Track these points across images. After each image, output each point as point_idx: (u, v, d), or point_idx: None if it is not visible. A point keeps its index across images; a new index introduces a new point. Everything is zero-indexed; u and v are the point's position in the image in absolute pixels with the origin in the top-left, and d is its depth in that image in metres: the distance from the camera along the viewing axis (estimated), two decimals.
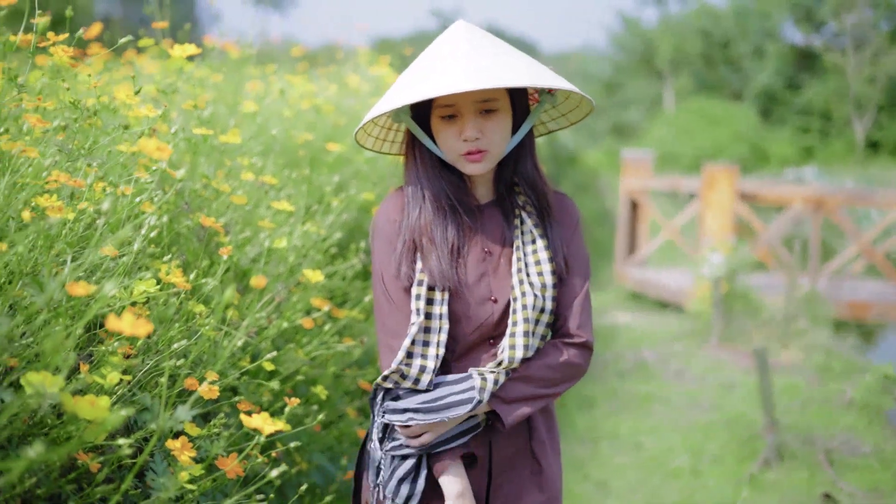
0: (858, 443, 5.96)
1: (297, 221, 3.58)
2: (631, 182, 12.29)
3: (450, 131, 2.27)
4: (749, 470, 5.47)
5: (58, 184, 2.20)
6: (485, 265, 2.35)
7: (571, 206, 2.48)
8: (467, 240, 2.36)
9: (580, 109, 2.46)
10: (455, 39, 2.27)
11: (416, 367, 2.26)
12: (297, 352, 3.26)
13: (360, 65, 7.21)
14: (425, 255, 2.30)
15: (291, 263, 3.36)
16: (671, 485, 5.31)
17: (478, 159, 2.26)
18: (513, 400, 2.28)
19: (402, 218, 2.36)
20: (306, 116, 4.96)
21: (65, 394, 1.60)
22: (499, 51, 2.24)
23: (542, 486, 2.41)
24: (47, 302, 1.86)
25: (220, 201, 3.32)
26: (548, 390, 2.32)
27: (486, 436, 2.35)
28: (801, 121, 34.03)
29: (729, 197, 10.21)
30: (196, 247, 3.07)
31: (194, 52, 2.84)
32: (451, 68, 2.16)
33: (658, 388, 7.44)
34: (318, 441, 3.58)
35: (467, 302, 2.31)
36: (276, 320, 3.12)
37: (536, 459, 2.42)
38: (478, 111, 2.25)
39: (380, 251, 2.37)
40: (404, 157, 2.41)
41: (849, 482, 5.29)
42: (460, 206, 2.35)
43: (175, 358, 2.37)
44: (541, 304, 2.28)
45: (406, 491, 2.32)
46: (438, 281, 2.28)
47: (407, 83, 2.23)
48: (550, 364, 2.31)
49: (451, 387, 2.25)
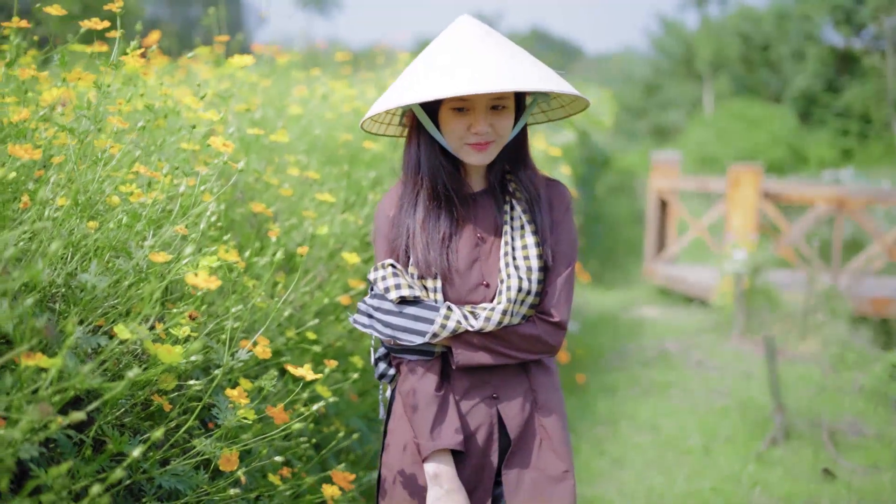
0: (863, 426, 6.31)
1: (337, 212, 4.02)
2: (660, 182, 12.59)
3: (459, 122, 2.39)
4: (757, 448, 5.85)
5: (134, 175, 2.65)
6: (477, 251, 2.49)
7: (563, 191, 2.60)
8: (460, 227, 2.49)
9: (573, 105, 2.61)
10: (467, 35, 2.40)
11: (392, 282, 2.45)
12: (336, 325, 3.71)
13: (399, 70, 7.63)
14: (415, 246, 2.46)
15: (332, 248, 3.80)
16: (683, 461, 5.69)
17: (484, 149, 2.40)
18: (473, 346, 2.43)
19: (397, 211, 2.52)
20: (347, 119, 5.38)
21: (148, 341, 2.04)
22: (512, 51, 2.38)
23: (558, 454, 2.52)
24: (134, 267, 2.31)
25: (269, 193, 3.77)
26: (509, 351, 2.45)
27: (493, 404, 2.50)
28: (840, 123, 33.87)
29: (753, 196, 10.52)
30: (248, 231, 3.53)
31: (250, 62, 3.29)
32: (480, 66, 2.28)
33: (678, 376, 7.79)
34: (355, 408, 4.02)
35: (459, 288, 2.46)
36: (318, 296, 3.57)
37: (544, 427, 2.54)
38: (489, 107, 2.39)
39: (379, 248, 2.56)
40: (405, 141, 2.55)
41: (850, 460, 5.65)
42: (455, 195, 2.48)
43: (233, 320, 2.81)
44: (526, 287, 2.41)
45: (381, 369, 2.59)
46: (425, 269, 2.44)
47: (426, 74, 2.35)
48: (520, 332, 2.44)
49: (418, 311, 2.43)
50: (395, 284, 2.45)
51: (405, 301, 2.45)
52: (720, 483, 5.30)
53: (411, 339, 2.43)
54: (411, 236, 2.47)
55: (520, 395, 2.52)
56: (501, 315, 2.39)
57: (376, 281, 2.49)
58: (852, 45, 35.57)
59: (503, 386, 2.51)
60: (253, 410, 2.43)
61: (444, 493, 2.40)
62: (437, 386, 2.46)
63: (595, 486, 5.23)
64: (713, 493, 5.14)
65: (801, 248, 10.79)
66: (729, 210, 10.75)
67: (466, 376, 2.49)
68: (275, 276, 3.39)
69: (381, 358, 2.61)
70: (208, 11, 5.11)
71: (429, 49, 2.46)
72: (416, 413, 2.45)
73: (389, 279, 2.47)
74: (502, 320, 2.39)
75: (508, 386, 2.52)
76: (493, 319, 2.39)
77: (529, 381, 2.54)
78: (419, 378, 2.47)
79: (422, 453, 2.43)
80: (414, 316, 2.43)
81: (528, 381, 2.54)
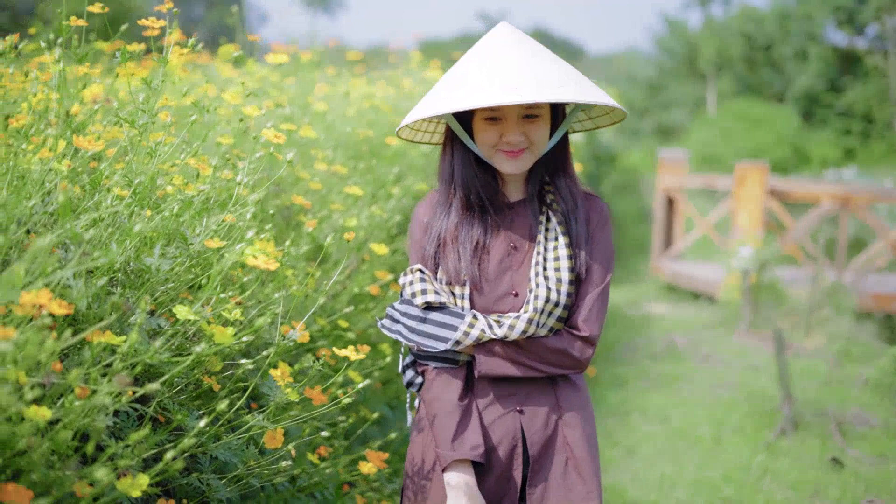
0: (869, 417, 6.45)
1: (364, 205, 4.16)
2: (667, 180, 12.72)
3: (491, 131, 2.39)
4: (766, 438, 5.99)
5: (176, 167, 2.78)
6: (509, 260, 2.46)
7: (601, 206, 2.54)
8: (493, 236, 2.47)
9: (609, 117, 2.61)
10: (503, 44, 2.39)
11: (419, 287, 2.45)
12: (364, 314, 3.85)
13: (412, 69, 7.78)
14: (445, 253, 2.45)
15: (360, 239, 3.94)
16: (694, 450, 5.83)
17: (517, 156, 2.39)
18: (496, 355, 2.40)
19: (430, 218, 2.52)
20: (367, 115, 5.52)
21: (204, 322, 2.18)
22: (545, 59, 2.36)
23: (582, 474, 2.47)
24: (189, 253, 2.45)
25: (299, 187, 3.91)
26: (533, 363, 2.40)
27: (517, 417, 2.46)
28: (843, 123, 33.97)
29: (759, 193, 10.65)
30: (280, 223, 3.67)
31: (285, 60, 3.43)
32: (507, 76, 2.27)
33: (687, 369, 7.93)
34: (380, 396, 4.16)
35: (488, 296, 2.43)
36: (349, 286, 3.71)
37: (569, 445, 2.48)
38: (521, 116, 2.37)
39: (411, 254, 2.56)
40: (441, 150, 2.56)
41: (857, 450, 5.79)
42: (490, 204, 2.47)
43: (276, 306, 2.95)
44: (554, 298, 2.37)
45: (409, 377, 2.56)
46: (454, 277, 2.43)
47: (457, 84, 2.34)
48: (546, 345, 2.39)
49: (443, 317, 2.41)
50: (421, 290, 2.44)
51: (431, 307, 2.44)
52: (730, 472, 5.44)
53: (434, 346, 2.41)
54: (442, 244, 2.47)
55: (545, 409, 2.47)
56: (526, 324, 2.35)
57: (404, 286, 2.49)
58: (855, 45, 35.66)
59: (529, 399, 2.47)
60: (295, 391, 2.56)
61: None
62: (461, 395, 2.43)
63: (608, 474, 5.37)
64: (724, 481, 5.28)
65: (806, 244, 10.92)
66: (735, 207, 10.88)
67: (491, 387, 2.46)
68: (307, 267, 3.52)
69: (409, 365, 2.59)
70: (231, 10, 5.24)
71: (465, 56, 2.46)
72: (437, 421, 2.42)
73: (416, 284, 2.46)
74: (527, 329, 2.36)
75: (534, 399, 2.47)
76: (517, 328, 2.35)
77: (556, 396, 2.49)
78: (443, 386, 2.44)
79: (441, 462, 2.39)
80: (438, 322, 2.41)
81: (554, 397, 2.49)
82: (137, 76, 2.71)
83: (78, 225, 2.03)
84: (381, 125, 5.56)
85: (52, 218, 2.25)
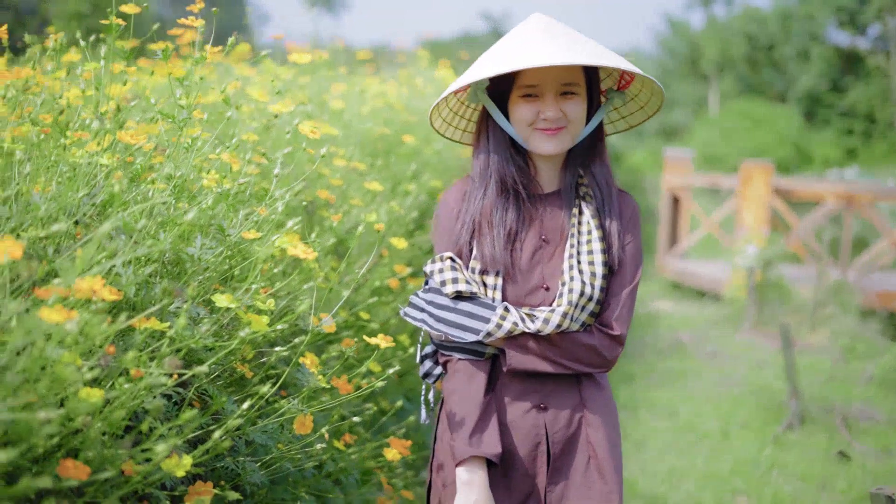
0: (874, 412, 6.55)
1: (383, 200, 4.26)
2: (672, 179, 12.80)
3: (528, 108, 2.32)
4: (773, 432, 6.08)
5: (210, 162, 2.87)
6: (540, 253, 2.40)
7: (632, 204, 2.50)
8: (525, 225, 2.40)
9: (643, 112, 2.57)
10: (537, 25, 2.35)
11: (449, 276, 2.38)
12: (384, 307, 3.94)
13: (420, 68, 7.87)
14: (481, 238, 2.38)
15: (380, 234, 4.03)
16: (702, 444, 5.93)
17: (554, 134, 2.32)
18: (527, 350, 2.34)
19: (461, 206, 2.44)
20: (382, 113, 5.61)
21: (241, 310, 2.27)
22: (581, 38, 2.31)
23: (603, 473, 2.42)
24: (228, 244, 2.54)
25: (320, 182, 4.00)
26: (563, 360, 2.34)
27: (540, 414, 2.41)
28: (845, 123, 34.08)
29: (764, 192, 10.74)
30: (304, 217, 3.76)
31: (307, 59, 3.51)
32: (544, 45, 2.23)
33: (693, 365, 8.03)
34: (398, 388, 4.25)
35: (521, 287, 2.37)
36: (370, 279, 3.80)
37: (592, 444, 2.43)
38: (558, 92, 2.31)
39: (439, 241, 2.48)
40: (475, 138, 2.49)
41: (863, 444, 5.89)
42: (524, 190, 2.39)
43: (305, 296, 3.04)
44: (589, 292, 2.31)
45: (427, 367, 2.52)
46: (490, 264, 2.35)
47: (491, 61, 2.30)
48: (578, 341, 2.33)
49: (473, 307, 2.35)
50: (452, 278, 2.36)
51: (461, 296, 2.37)
52: (738, 465, 5.53)
53: (463, 336, 2.33)
54: (477, 229, 2.39)
55: (569, 407, 2.42)
56: (561, 318, 2.28)
57: (432, 273, 2.41)
58: (857, 46, 35.75)
59: (553, 396, 2.41)
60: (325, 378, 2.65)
61: (473, 502, 2.30)
62: (484, 390, 2.37)
63: None
64: (732, 474, 5.37)
65: (811, 243, 11.01)
66: (740, 206, 10.97)
67: (516, 382, 2.41)
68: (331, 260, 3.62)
69: (427, 356, 2.54)
70: (247, 10, 5.33)
71: (496, 43, 2.41)
72: (457, 415, 2.36)
73: (447, 272, 2.38)
74: (561, 323, 2.29)
75: (558, 396, 2.41)
76: (552, 321, 2.28)
77: (581, 394, 2.43)
78: (466, 379, 2.38)
79: (456, 457, 2.33)
80: (468, 313, 2.34)
81: (579, 395, 2.43)
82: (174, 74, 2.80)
83: (128, 215, 2.12)
84: (395, 123, 5.65)
85: (97, 209, 2.34)
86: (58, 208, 2.15)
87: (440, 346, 2.44)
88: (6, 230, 2.07)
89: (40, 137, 2.30)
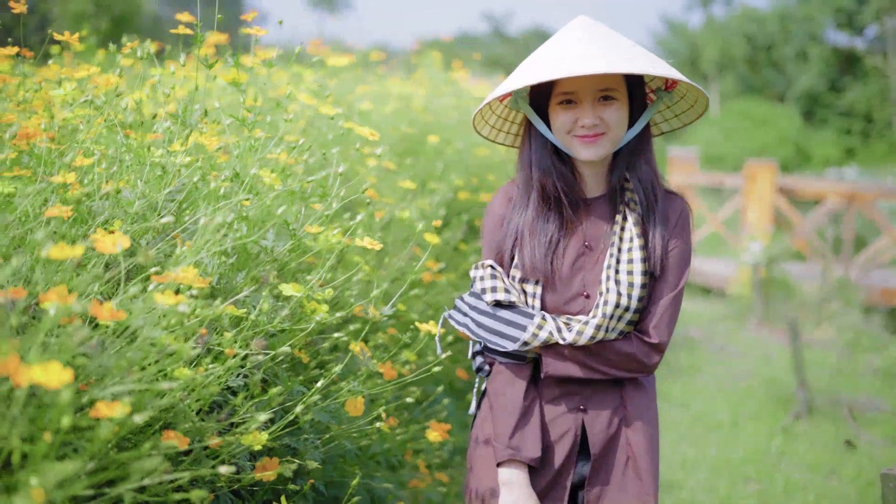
0: (880, 403, 6.76)
1: (414, 198, 4.45)
2: (677, 178, 12.98)
3: (567, 116, 2.30)
4: (782, 423, 6.29)
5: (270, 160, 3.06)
6: (582, 260, 2.38)
7: (681, 205, 2.45)
8: (568, 232, 2.39)
9: (693, 110, 2.50)
10: (575, 32, 2.32)
11: (489, 284, 2.41)
12: (417, 301, 4.13)
13: (434, 69, 8.04)
14: (522, 247, 2.39)
15: (417, 230, 4.21)
16: (714, 434, 6.13)
17: (593, 142, 2.29)
18: (564, 357, 2.35)
19: (507, 212, 2.45)
20: (405, 114, 5.79)
21: (304, 298, 2.45)
22: (622, 43, 2.28)
23: (640, 474, 2.42)
24: (295, 237, 2.73)
25: (356, 180, 4.19)
26: (601, 367, 2.35)
27: (579, 415, 2.42)
28: (844, 122, 34.25)
29: (769, 190, 10.95)
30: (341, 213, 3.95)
31: (346, 62, 3.70)
32: (576, 53, 2.21)
33: (703, 360, 8.24)
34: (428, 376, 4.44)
35: (560, 295, 2.37)
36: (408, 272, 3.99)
37: (631, 446, 2.43)
38: (596, 98, 2.28)
39: (485, 247, 2.51)
40: (520, 144, 2.48)
41: (869, 433, 6.09)
42: (566, 197, 2.37)
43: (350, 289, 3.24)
44: (625, 303, 2.29)
45: (479, 363, 2.53)
46: (530, 273, 2.36)
47: (528, 67, 2.29)
48: (615, 349, 2.33)
49: (512, 316, 2.37)
50: (491, 287, 2.40)
51: (500, 305, 2.39)
52: (749, 454, 5.73)
53: (502, 344, 2.36)
54: (520, 237, 2.41)
55: (609, 409, 2.42)
56: (594, 330, 2.28)
57: (475, 280, 2.45)
58: (855, 46, 35.92)
59: (593, 398, 2.42)
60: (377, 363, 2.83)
61: (513, 502, 2.35)
62: (525, 393, 2.39)
63: None
64: (743, 462, 5.57)
65: (814, 240, 11.21)
66: (745, 204, 11.17)
67: (556, 384, 2.42)
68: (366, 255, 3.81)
69: (478, 352, 2.55)
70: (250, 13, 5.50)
71: (538, 49, 2.39)
72: (499, 416, 2.40)
73: (487, 280, 2.41)
74: (595, 335, 2.28)
75: (598, 398, 2.42)
76: (585, 334, 2.28)
77: (622, 395, 2.44)
78: (507, 382, 2.41)
79: (497, 457, 2.37)
80: (507, 321, 2.36)
81: (620, 396, 2.44)
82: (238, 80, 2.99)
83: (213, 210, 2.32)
84: (419, 123, 5.83)
85: (176, 205, 2.53)
86: (146, 204, 2.35)
87: (485, 349, 2.48)
88: (98, 224, 2.26)
89: (127, 140, 2.49)
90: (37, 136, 2.32)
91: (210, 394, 2.08)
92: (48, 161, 2.30)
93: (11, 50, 2.69)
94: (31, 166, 2.33)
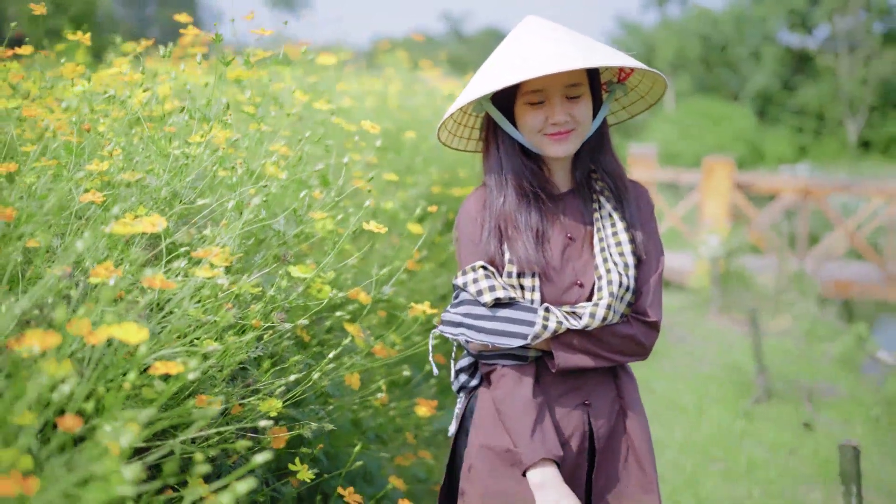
0: (835, 388, 7.09)
1: (395, 191, 4.66)
2: (637, 174, 13.27)
3: (536, 115, 2.29)
4: (743, 406, 6.57)
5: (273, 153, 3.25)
6: (570, 250, 2.36)
7: (645, 192, 2.48)
8: (550, 225, 2.37)
9: (644, 101, 2.54)
10: (535, 28, 2.31)
11: (485, 284, 2.32)
12: (402, 287, 4.34)
13: (402, 68, 8.24)
14: (511, 242, 2.33)
15: (400, 220, 4.42)
16: (679, 417, 6.39)
17: (564, 138, 2.29)
18: (573, 348, 2.30)
19: (483, 213, 2.39)
20: (384, 111, 5.99)
21: (310, 279, 2.65)
22: (584, 38, 2.27)
23: (642, 465, 2.40)
24: (300, 221, 2.94)
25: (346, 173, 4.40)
26: (608, 354, 2.30)
27: (585, 411, 2.37)
28: (796, 121, 34.89)
29: (726, 186, 11.26)
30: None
31: (333, 61, 3.90)
32: (546, 52, 2.18)
33: (666, 348, 8.50)
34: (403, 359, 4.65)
35: (557, 285, 2.33)
36: (394, 260, 4.21)
37: (630, 435, 2.41)
38: (564, 96, 2.27)
39: (465, 252, 2.41)
40: (483, 147, 2.45)
41: (826, 416, 6.38)
42: (542, 192, 2.36)
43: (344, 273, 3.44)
44: (626, 283, 2.28)
45: (462, 380, 2.51)
46: (526, 266, 2.30)
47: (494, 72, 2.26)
48: (619, 333, 2.29)
49: (514, 313, 2.30)
50: (488, 287, 2.31)
51: (499, 304, 2.31)
52: (714, 435, 6.00)
53: (509, 343, 2.29)
54: (505, 234, 2.35)
55: (608, 401, 2.40)
56: (606, 311, 2.24)
57: (466, 285, 2.35)
58: (807, 46, 36.49)
59: (594, 392, 2.38)
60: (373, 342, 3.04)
61: (553, 501, 2.22)
62: (534, 392, 2.32)
63: None
64: (708, 443, 5.83)
65: (770, 234, 11.53)
66: (703, 199, 11.48)
67: (560, 382, 2.37)
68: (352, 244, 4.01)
69: (462, 369, 2.53)
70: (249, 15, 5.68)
71: (495, 51, 2.37)
72: (513, 418, 2.31)
73: (482, 281, 2.32)
74: (607, 316, 2.25)
75: (599, 392, 2.39)
76: (598, 315, 2.25)
77: (617, 386, 2.43)
78: (514, 383, 2.33)
79: (524, 461, 2.26)
80: (509, 318, 2.30)
81: (615, 388, 2.43)
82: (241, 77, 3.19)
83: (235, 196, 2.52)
84: (396, 120, 6.03)
85: (197, 192, 2.72)
86: (171, 193, 2.54)
87: (480, 357, 2.39)
88: (127, 208, 2.46)
89: (150, 133, 2.68)
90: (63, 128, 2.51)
91: (238, 361, 2.28)
92: (78, 152, 2.49)
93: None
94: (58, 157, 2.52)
